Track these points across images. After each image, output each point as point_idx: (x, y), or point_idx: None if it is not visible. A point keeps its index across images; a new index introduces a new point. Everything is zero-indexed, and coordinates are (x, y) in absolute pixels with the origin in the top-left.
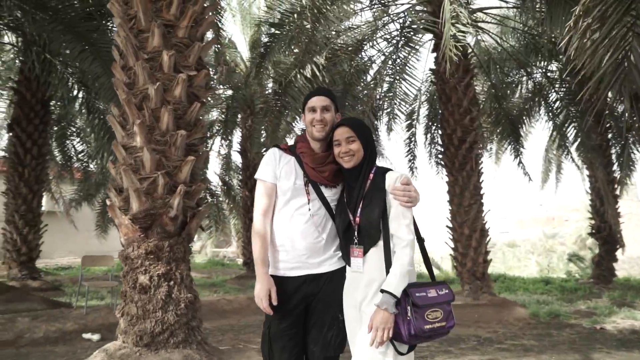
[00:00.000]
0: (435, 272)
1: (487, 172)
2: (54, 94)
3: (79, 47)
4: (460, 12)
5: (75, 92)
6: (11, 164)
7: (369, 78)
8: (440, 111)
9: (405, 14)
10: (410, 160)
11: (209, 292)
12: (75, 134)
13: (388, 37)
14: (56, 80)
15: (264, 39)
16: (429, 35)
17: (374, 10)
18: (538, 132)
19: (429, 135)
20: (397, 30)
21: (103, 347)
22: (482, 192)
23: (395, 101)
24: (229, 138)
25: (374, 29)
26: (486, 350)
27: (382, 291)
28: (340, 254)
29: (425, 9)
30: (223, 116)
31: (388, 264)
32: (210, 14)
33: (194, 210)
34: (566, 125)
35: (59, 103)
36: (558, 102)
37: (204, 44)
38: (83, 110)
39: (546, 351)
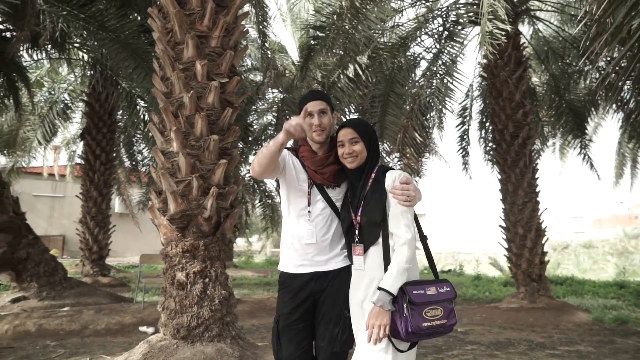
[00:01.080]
0: (497, 273)
1: (550, 168)
2: (119, 104)
3: (133, 64)
4: (498, 7)
5: (135, 103)
6: (83, 169)
7: (414, 76)
8: (491, 106)
9: (449, 8)
10: (463, 158)
11: (262, 291)
12: (140, 140)
13: (432, 33)
14: (120, 92)
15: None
16: (478, 29)
17: (417, 7)
18: (609, 124)
19: (483, 132)
20: (440, 25)
21: (147, 339)
22: (537, 190)
23: (443, 98)
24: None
25: (416, 26)
26: (536, 355)
27: (379, 289)
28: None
29: (472, 0)
30: (270, 118)
31: (387, 262)
32: (247, 22)
33: (228, 211)
34: (634, 114)
35: (126, 112)
36: (626, 91)
37: (237, 51)
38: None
39: (604, 359)
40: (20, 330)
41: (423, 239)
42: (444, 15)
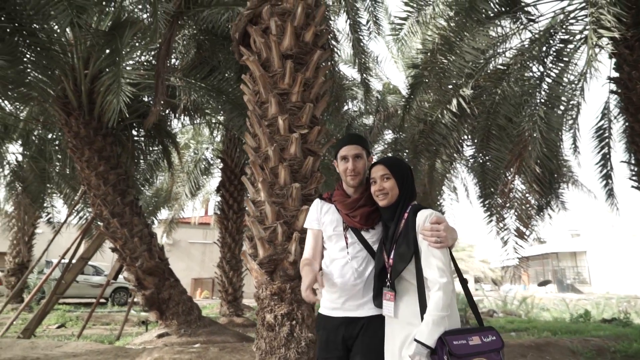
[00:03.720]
0: None
1: None
2: (246, 159)
3: (242, 121)
4: (604, 14)
5: None
6: (219, 219)
7: (527, 101)
8: (629, 124)
9: (555, 27)
10: (606, 186)
11: None
12: None
13: (538, 56)
14: (244, 148)
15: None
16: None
17: (520, 31)
18: None
19: (631, 154)
20: (545, 45)
21: None
22: None
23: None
24: None
25: (521, 51)
26: None
27: (415, 341)
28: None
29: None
30: None
31: (423, 308)
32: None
33: None
34: None
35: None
36: None
37: (319, 102)
38: None
39: None
40: None
41: (463, 282)
42: (551, 34)
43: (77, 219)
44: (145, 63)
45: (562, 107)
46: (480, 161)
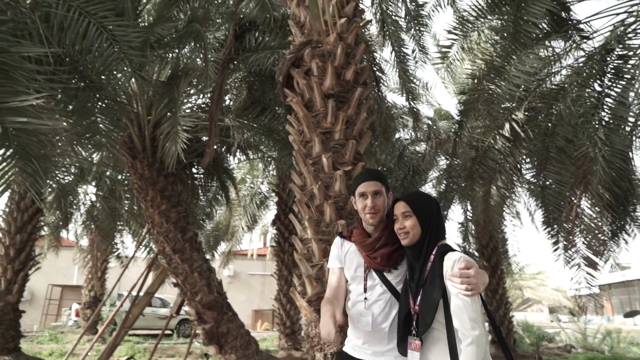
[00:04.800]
0: None
1: None
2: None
3: (291, 160)
4: None
5: None
6: (275, 251)
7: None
8: None
9: (611, 41)
10: None
11: None
12: None
13: (597, 71)
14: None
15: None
16: None
17: (572, 50)
18: None
19: None
20: (602, 62)
21: None
22: None
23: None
24: (464, 207)
25: (576, 69)
26: None
27: None
28: None
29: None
30: (442, 186)
31: None
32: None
33: None
34: None
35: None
36: None
37: (362, 139)
38: None
39: None
40: None
41: (496, 331)
42: (607, 51)
43: (145, 253)
44: (202, 105)
45: (628, 127)
46: (541, 185)
